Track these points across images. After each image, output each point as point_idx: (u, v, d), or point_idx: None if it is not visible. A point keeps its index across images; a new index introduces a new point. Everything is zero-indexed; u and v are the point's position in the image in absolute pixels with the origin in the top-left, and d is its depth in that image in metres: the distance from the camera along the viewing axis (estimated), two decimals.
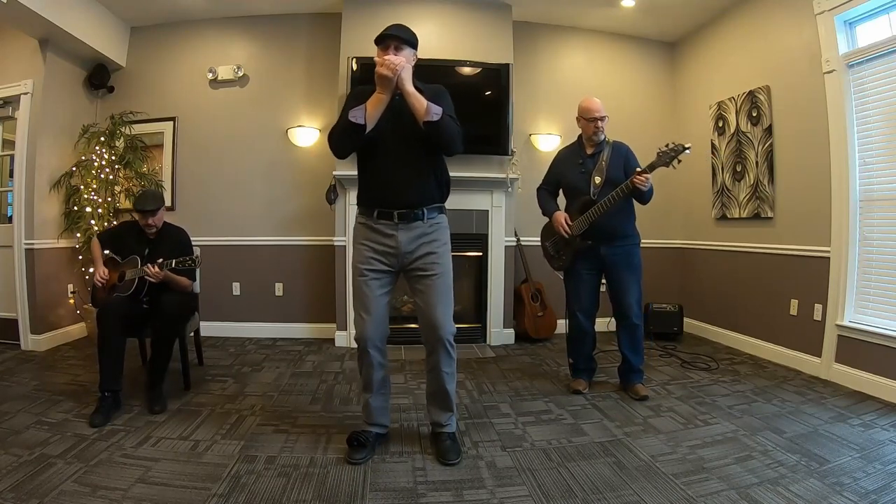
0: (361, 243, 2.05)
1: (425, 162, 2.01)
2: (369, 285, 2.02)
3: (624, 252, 2.74)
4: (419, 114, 1.87)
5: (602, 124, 2.73)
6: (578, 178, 2.77)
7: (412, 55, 1.99)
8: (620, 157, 2.73)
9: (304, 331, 4.20)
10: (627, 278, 2.74)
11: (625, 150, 2.76)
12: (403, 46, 1.95)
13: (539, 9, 4.16)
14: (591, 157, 2.77)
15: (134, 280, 2.63)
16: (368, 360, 2.04)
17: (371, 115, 1.88)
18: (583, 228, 2.70)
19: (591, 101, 2.75)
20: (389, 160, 1.98)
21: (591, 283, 2.81)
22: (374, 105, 1.89)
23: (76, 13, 3.59)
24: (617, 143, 2.78)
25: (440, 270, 2.02)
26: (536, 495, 1.77)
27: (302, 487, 1.81)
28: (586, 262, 2.78)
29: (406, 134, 1.95)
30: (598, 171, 2.71)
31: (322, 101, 4.13)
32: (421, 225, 2.01)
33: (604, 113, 2.72)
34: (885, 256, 2.84)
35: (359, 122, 1.87)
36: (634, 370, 2.82)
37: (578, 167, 2.79)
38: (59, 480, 1.80)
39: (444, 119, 1.88)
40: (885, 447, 2.11)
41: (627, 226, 2.77)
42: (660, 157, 2.51)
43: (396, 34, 1.94)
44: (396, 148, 1.97)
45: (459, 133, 1.94)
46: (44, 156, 3.70)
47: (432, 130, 1.88)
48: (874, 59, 2.81)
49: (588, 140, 2.79)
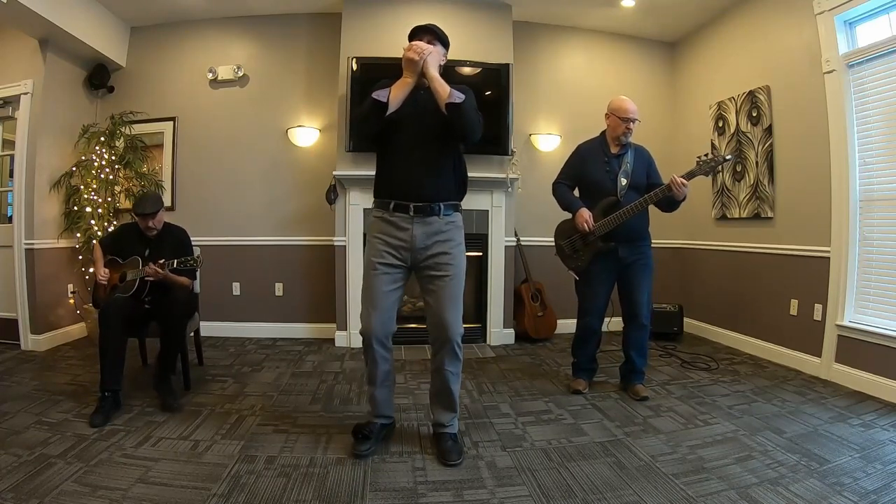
0: (375, 237, 2.05)
1: (445, 157, 2.03)
2: (380, 279, 2.02)
3: (641, 253, 2.73)
4: (441, 97, 1.89)
5: (633, 126, 2.69)
6: (604, 177, 2.71)
7: (443, 54, 2.05)
8: (644, 162, 2.72)
9: (304, 331, 4.20)
10: (642, 279, 2.73)
11: (648, 155, 2.76)
12: (435, 42, 2.01)
13: (539, 9, 4.16)
14: (616, 158, 2.73)
15: (135, 280, 2.63)
16: (372, 355, 2.04)
17: (395, 97, 1.91)
18: (606, 230, 2.65)
19: (628, 102, 2.70)
20: (410, 153, 1.99)
21: (607, 284, 2.79)
22: (400, 87, 1.93)
23: (76, 13, 3.59)
24: (639, 148, 2.76)
25: (454, 272, 2.02)
26: (536, 495, 1.77)
27: (302, 487, 1.81)
28: (604, 263, 2.74)
29: (429, 128, 1.97)
30: (624, 173, 2.68)
31: (322, 101, 4.13)
32: (437, 221, 2.01)
33: (638, 116, 2.69)
34: (885, 256, 2.84)
35: (381, 99, 1.89)
36: (637, 371, 2.82)
37: (604, 165, 2.74)
38: (59, 480, 1.80)
39: (467, 103, 1.90)
40: (885, 447, 2.11)
41: (645, 228, 2.77)
42: (699, 166, 2.47)
43: (432, 28, 2.01)
44: (418, 141, 1.98)
45: (480, 121, 1.97)
46: (44, 156, 3.70)
47: (454, 113, 1.88)
48: (874, 59, 2.81)
49: (614, 140, 2.75)
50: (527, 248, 4.18)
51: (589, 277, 2.79)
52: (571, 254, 2.84)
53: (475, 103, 1.98)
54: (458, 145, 2.07)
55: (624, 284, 2.77)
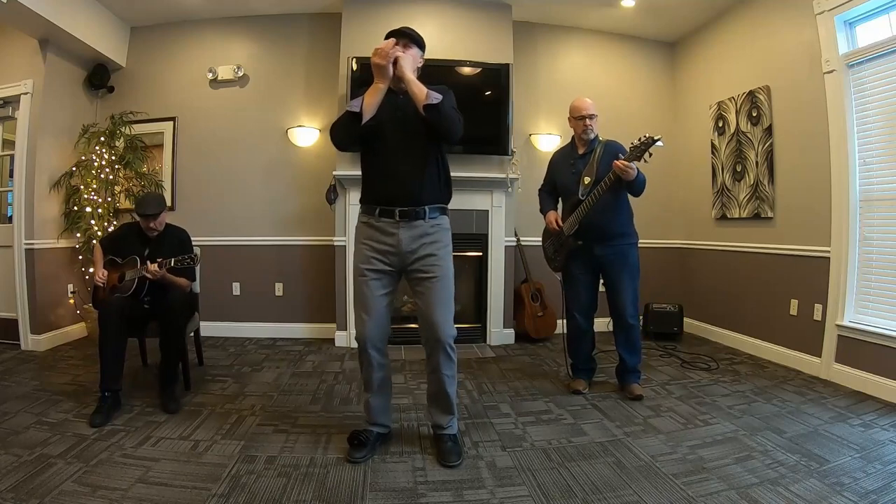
0: (362, 243, 2.05)
1: (428, 159, 2.02)
2: (369, 285, 2.02)
3: (619, 251, 2.72)
4: (419, 99, 1.87)
5: (591, 122, 2.72)
6: (569, 179, 2.77)
7: (419, 56, 2.02)
8: (612, 156, 2.68)
9: (304, 331, 4.20)
10: (622, 278, 2.73)
11: (617, 148, 2.72)
12: (411, 45, 1.98)
13: (539, 9, 4.16)
14: (583, 158, 2.77)
15: (133, 280, 2.63)
16: (368, 360, 2.05)
17: (368, 104, 1.90)
18: (574, 227, 2.71)
19: (580, 100, 2.76)
20: (392, 157, 1.99)
21: (586, 282, 2.81)
22: (372, 94, 1.91)
23: (76, 13, 3.59)
24: (610, 143, 2.75)
25: (440, 273, 2.02)
26: (536, 495, 1.77)
27: (302, 487, 1.81)
28: (579, 261, 2.78)
29: (409, 131, 1.96)
30: (588, 171, 2.69)
31: (322, 101, 4.13)
32: (423, 224, 2.01)
33: (592, 111, 2.72)
34: (885, 256, 2.84)
35: (354, 109, 1.90)
36: (630, 370, 2.82)
37: (570, 168, 2.79)
38: (59, 480, 1.80)
39: (444, 103, 1.88)
40: (885, 447, 2.11)
41: (622, 224, 2.74)
42: (631, 151, 2.48)
43: (406, 31, 1.99)
44: (399, 145, 1.98)
45: (459, 119, 1.95)
46: (44, 156, 3.70)
47: (432, 114, 1.87)
48: (874, 59, 2.81)
49: (579, 140, 2.80)
50: (527, 248, 4.18)
51: (568, 277, 2.86)
52: (552, 255, 2.93)
53: (454, 102, 1.96)
54: (440, 146, 2.05)
55: (607, 284, 2.79)
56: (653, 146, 2.43)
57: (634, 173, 2.49)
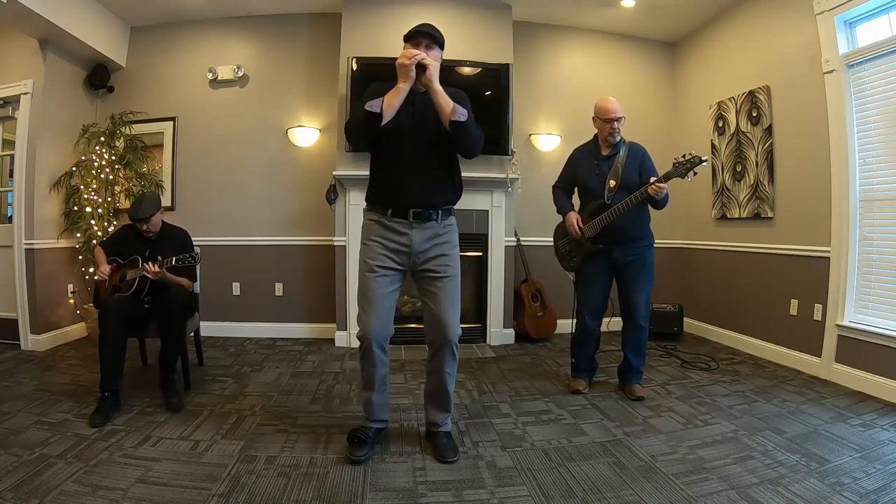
0: (372, 240, 2.03)
1: (444, 162, 2.02)
2: (377, 282, 2.00)
3: (638, 254, 2.72)
4: (445, 113, 1.87)
5: (619, 125, 2.68)
6: (593, 181, 2.74)
7: (439, 56, 1.99)
8: (636, 160, 2.70)
9: (304, 331, 4.20)
10: (639, 280, 2.72)
11: (641, 152, 2.72)
12: (434, 46, 1.96)
13: (539, 9, 4.16)
14: (607, 160, 2.74)
15: (135, 279, 2.63)
16: (371, 358, 2.02)
17: (389, 105, 1.87)
18: (594, 232, 2.69)
19: (609, 102, 2.70)
20: (409, 159, 1.97)
21: (601, 284, 2.79)
22: (394, 94, 1.88)
23: (76, 13, 3.59)
24: (633, 145, 2.74)
25: (452, 273, 2.03)
26: (536, 495, 1.77)
27: (302, 487, 1.81)
28: (597, 263, 2.76)
29: (427, 133, 1.95)
30: (614, 175, 2.67)
31: (322, 101, 4.13)
32: (435, 225, 2.02)
33: (621, 114, 2.68)
34: (885, 256, 2.84)
35: (374, 110, 1.86)
36: (634, 371, 2.82)
37: (594, 168, 2.76)
38: (59, 480, 1.80)
39: (470, 121, 1.89)
40: (885, 447, 2.11)
41: (642, 228, 2.75)
42: (675, 168, 2.47)
43: (430, 32, 1.94)
44: (417, 147, 1.96)
45: (481, 136, 1.97)
46: (44, 156, 3.70)
47: (458, 131, 1.88)
48: (874, 59, 2.81)
49: (604, 141, 2.76)
50: (527, 248, 4.18)
51: (582, 277, 2.84)
52: (566, 254, 2.90)
53: (470, 107, 1.95)
54: (455, 151, 2.05)
55: (621, 285, 2.78)
56: (698, 166, 2.42)
57: (665, 193, 2.51)
